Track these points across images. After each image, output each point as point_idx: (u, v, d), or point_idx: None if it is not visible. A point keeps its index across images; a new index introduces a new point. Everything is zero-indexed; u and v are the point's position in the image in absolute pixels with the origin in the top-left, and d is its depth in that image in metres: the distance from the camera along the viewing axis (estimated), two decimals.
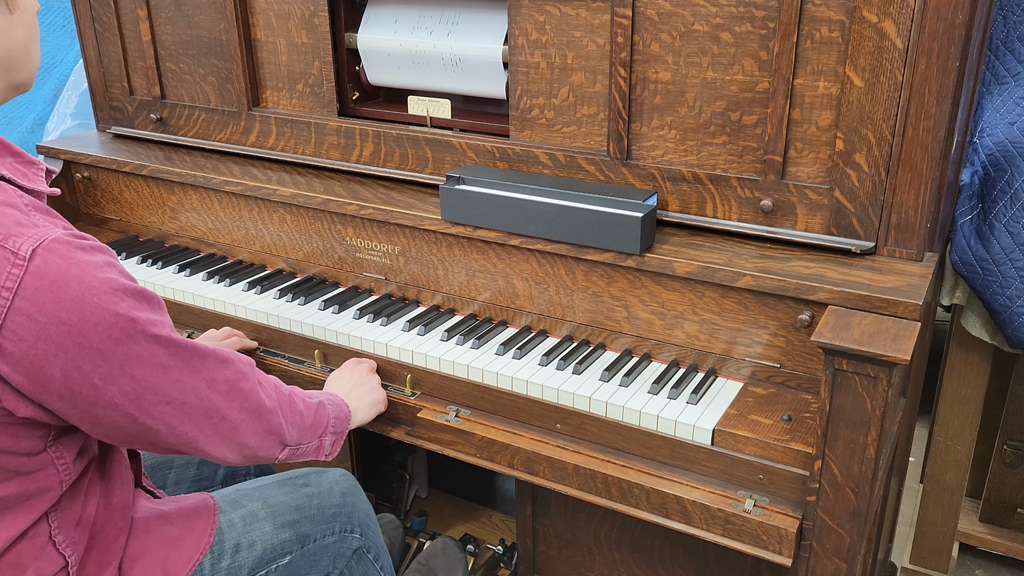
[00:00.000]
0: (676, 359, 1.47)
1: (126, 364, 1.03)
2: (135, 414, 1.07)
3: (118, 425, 1.08)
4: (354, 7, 1.80)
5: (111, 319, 1.00)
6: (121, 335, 1.02)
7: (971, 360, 1.89)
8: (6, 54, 1.07)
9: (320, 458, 1.34)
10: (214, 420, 1.15)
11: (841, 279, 1.30)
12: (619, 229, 1.41)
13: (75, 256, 0.99)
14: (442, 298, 1.68)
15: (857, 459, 1.18)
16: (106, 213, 2.11)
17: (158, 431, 1.10)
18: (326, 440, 1.34)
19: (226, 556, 1.24)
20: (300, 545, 1.29)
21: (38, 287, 0.95)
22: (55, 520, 1.14)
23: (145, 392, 1.07)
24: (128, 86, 2.08)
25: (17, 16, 1.07)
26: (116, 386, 1.03)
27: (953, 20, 1.20)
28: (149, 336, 1.05)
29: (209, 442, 1.16)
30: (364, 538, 1.37)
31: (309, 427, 1.30)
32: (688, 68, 1.41)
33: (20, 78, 1.11)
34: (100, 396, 1.03)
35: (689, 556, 1.75)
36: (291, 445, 1.27)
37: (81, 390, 1.01)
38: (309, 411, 1.31)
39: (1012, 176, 1.59)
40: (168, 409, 1.10)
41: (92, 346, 0.99)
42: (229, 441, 1.19)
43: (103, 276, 1.01)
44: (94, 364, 1.00)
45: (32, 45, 1.11)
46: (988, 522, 2.21)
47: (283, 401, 1.26)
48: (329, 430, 1.34)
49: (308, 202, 1.74)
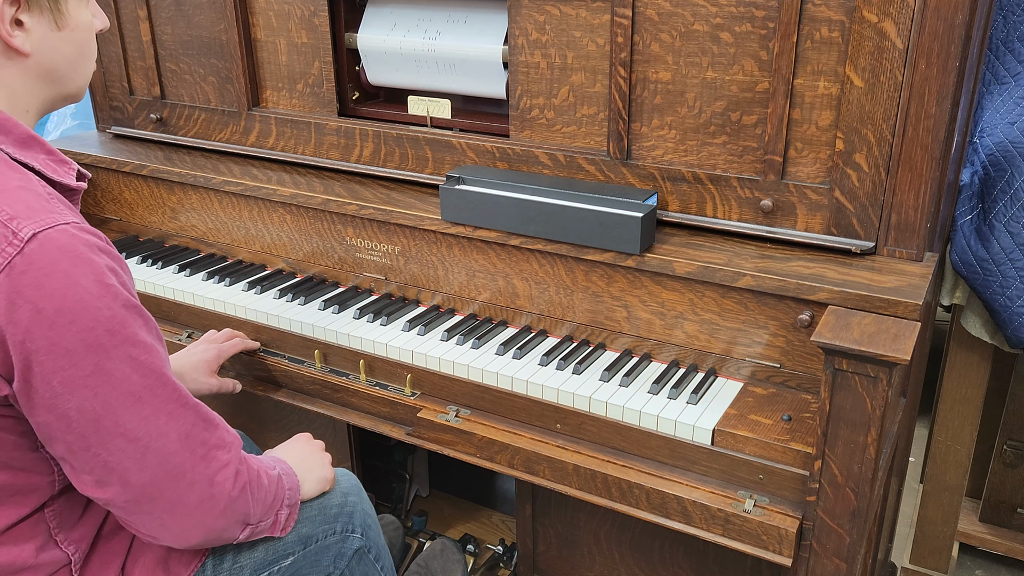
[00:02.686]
0: (676, 359, 1.47)
1: (92, 376, 0.98)
2: (89, 439, 1.00)
3: (71, 447, 1.01)
4: (354, 7, 1.80)
5: (89, 322, 0.97)
6: (95, 342, 0.97)
7: (971, 360, 1.89)
8: (51, 67, 1.09)
9: (275, 534, 1.24)
10: (179, 484, 1.06)
11: (841, 279, 1.30)
12: (619, 229, 1.41)
13: (76, 249, 0.97)
14: (442, 298, 1.68)
15: (857, 459, 1.18)
16: (106, 213, 2.11)
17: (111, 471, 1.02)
18: (282, 514, 1.24)
19: (228, 557, 1.24)
20: (303, 546, 1.29)
21: (25, 269, 0.94)
22: (53, 519, 1.13)
23: (105, 416, 1.00)
24: (128, 86, 2.08)
25: (66, 33, 1.08)
26: (75, 397, 0.98)
27: (953, 20, 1.20)
28: (126, 355, 1.00)
29: (169, 511, 1.06)
30: (365, 538, 1.37)
31: (270, 503, 1.21)
32: (688, 68, 1.41)
33: (68, 90, 1.13)
34: (57, 402, 0.98)
35: (689, 556, 1.75)
36: (252, 524, 1.18)
37: (39, 388, 0.97)
38: (272, 485, 1.21)
39: (1012, 176, 1.59)
40: (127, 447, 1.02)
41: (61, 344, 0.96)
42: (192, 517, 1.08)
43: (96, 277, 0.98)
44: (58, 364, 0.96)
45: (81, 61, 1.13)
46: (988, 522, 2.21)
47: (252, 477, 1.16)
48: (285, 503, 1.24)
49: (308, 202, 1.74)
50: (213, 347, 1.61)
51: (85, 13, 1.12)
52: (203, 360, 1.57)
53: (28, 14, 1.04)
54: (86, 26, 1.12)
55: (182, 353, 1.59)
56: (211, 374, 1.58)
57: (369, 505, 1.42)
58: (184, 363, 1.56)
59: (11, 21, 1.03)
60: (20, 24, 1.04)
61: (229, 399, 1.96)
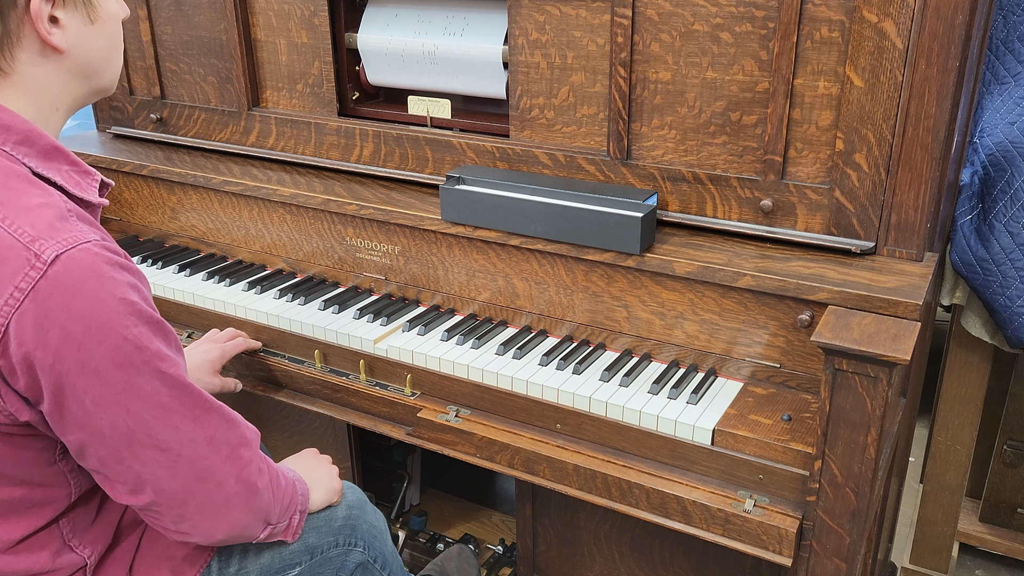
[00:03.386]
0: (676, 359, 1.47)
1: (123, 393, 0.99)
2: (123, 452, 1.02)
3: (104, 461, 1.02)
4: (354, 7, 1.80)
5: (117, 341, 0.97)
6: (124, 360, 0.98)
7: (971, 360, 1.89)
8: (86, 62, 1.07)
9: (288, 539, 1.25)
10: (208, 485, 1.08)
11: (841, 279, 1.30)
12: (619, 229, 1.41)
13: (99, 268, 0.96)
14: (442, 298, 1.68)
15: (857, 459, 1.18)
16: (106, 213, 2.11)
17: (145, 482, 1.04)
18: (295, 519, 1.25)
19: (234, 561, 1.24)
20: (309, 556, 1.29)
21: (51, 292, 0.94)
22: (67, 526, 1.13)
23: (138, 430, 1.01)
24: (128, 86, 2.08)
25: (99, 26, 1.07)
26: (107, 414, 0.99)
27: (953, 20, 1.20)
28: (154, 370, 1.01)
29: (199, 511, 1.08)
30: (369, 551, 1.37)
31: (287, 505, 1.23)
32: (688, 68, 1.41)
33: (101, 84, 1.12)
34: (89, 421, 0.99)
35: (689, 556, 1.75)
36: (272, 524, 1.20)
37: (71, 407, 0.98)
38: (288, 487, 1.23)
39: (1012, 176, 1.59)
40: (160, 458, 1.04)
41: (91, 364, 0.96)
42: (219, 514, 1.10)
43: (121, 295, 0.97)
44: (89, 384, 0.97)
45: (113, 53, 1.11)
46: (988, 522, 2.21)
47: (272, 476, 1.19)
48: (298, 508, 1.26)
49: (308, 202, 1.74)
50: (216, 347, 1.61)
51: (113, 3, 1.10)
52: (207, 360, 1.57)
53: (63, 10, 1.02)
54: (115, 16, 1.10)
55: (186, 352, 1.58)
56: (214, 374, 1.58)
57: (374, 516, 1.42)
58: (188, 362, 1.55)
59: (47, 18, 1.01)
60: (55, 21, 1.02)
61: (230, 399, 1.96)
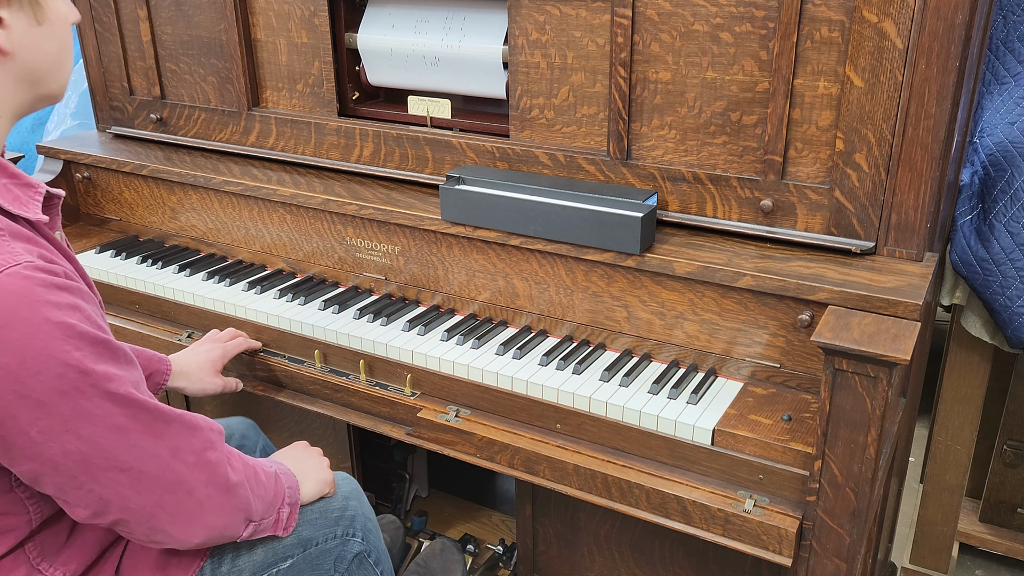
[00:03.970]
0: (676, 359, 1.47)
1: (72, 421, 0.95)
2: (80, 478, 0.98)
3: (62, 487, 0.99)
4: (354, 7, 1.80)
5: (58, 368, 0.93)
6: (69, 388, 0.94)
7: (971, 360, 1.89)
8: (32, 66, 1.03)
9: (278, 533, 1.24)
10: (177, 495, 1.05)
11: (841, 279, 1.30)
12: (619, 229, 1.41)
13: (32, 292, 0.92)
14: (442, 298, 1.68)
15: (857, 459, 1.18)
16: (106, 213, 2.11)
17: (109, 502, 1.01)
18: (283, 512, 1.24)
19: (226, 561, 1.23)
20: (302, 548, 1.28)
21: None
22: (34, 551, 1.11)
23: (94, 455, 0.98)
24: (128, 86, 2.08)
25: (47, 28, 1.02)
26: (57, 444, 0.95)
27: (953, 20, 1.20)
28: (103, 392, 0.97)
29: (172, 520, 1.06)
30: (365, 542, 1.37)
31: (271, 500, 1.21)
32: (688, 68, 1.41)
33: (49, 90, 1.07)
34: (39, 452, 0.95)
35: (689, 556, 1.75)
36: (255, 521, 1.18)
37: (17, 441, 0.94)
38: (270, 482, 1.21)
39: (1012, 176, 1.59)
40: (121, 478, 1.00)
41: (32, 396, 0.92)
42: (194, 520, 1.08)
43: (57, 319, 0.93)
44: (32, 416, 0.93)
45: (62, 57, 1.06)
46: (988, 522, 2.21)
47: (249, 473, 1.16)
48: (285, 501, 1.25)
49: (308, 202, 1.74)
50: (218, 346, 1.61)
51: (62, 5, 1.05)
52: (208, 360, 1.57)
53: (7, 9, 0.97)
54: (64, 19, 1.06)
55: (187, 352, 1.59)
56: (216, 374, 1.58)
57: (369, 509, 1.41)
58: (190, 362, 1.55)
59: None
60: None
61: (230, 399, 1.96)
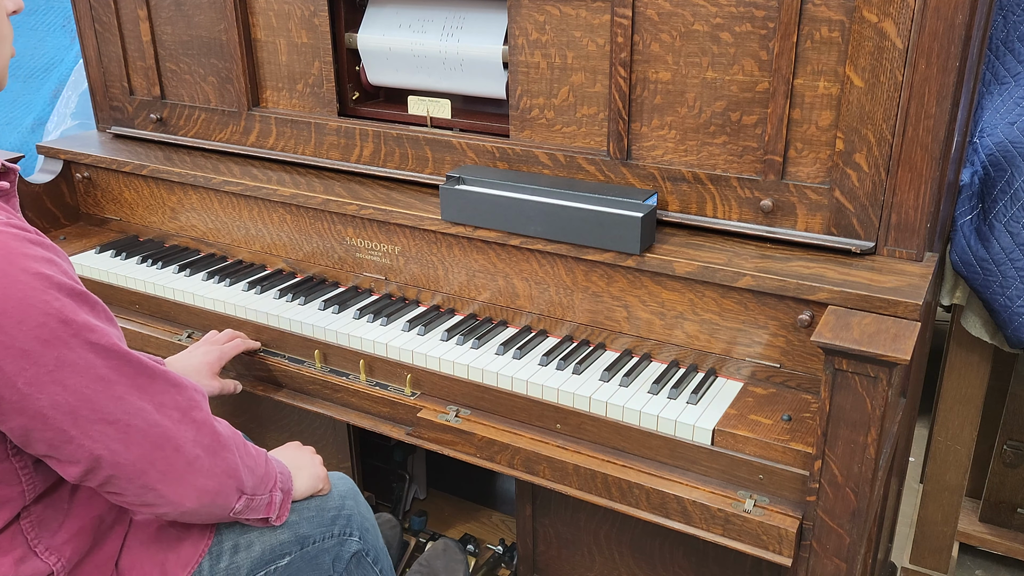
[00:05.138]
0: (676, 359, 1.47)
1: (57, 370, 0.96)
2: (70, 431, 0.99)
3: (52, 443, 0.99)
4: (354, 7, 1.80)
5: (39, 317, 0.94)
6: (51, 336, 0.95)
7: (971, 360, 1.89)
8: None
9: (271, 516, 1.23)
10: (166, 451, 1.05)
11: (841, 279, 1.30)
12: (619, 229, 1.41)
13: (7, 245, 0.94)
14: (442, 298, 1.68)
15: (857, 459, 1.18)
16: (106, 213, 2.11)
17: (100, 457, 1.01)
18: (276, 496, 1.23)
19: (224, 556, 1.24)
20: (299, 547, 1.29)
21: None
22: (31, 529, 1.10)
23: (81, 406, 0.98)
24: (128, 86, 2.08)
25: None
26: (45, 394, 0.96)
27: (953, 20, 1.20)
28: (85, 342, 0.98)
29: (162, 479, 1.06)
30: (363, 542, 1.37)
31: (262, 476, 1.20)
32: (688, 68, 1.41)
33: None
34: (27, 403, 0.96)
35: (689, 556, 1.75)
36: (247, 494, 1.17)
37: (4, 394, 0.95)
38: (260, 457, 1.20)
39: (1012, 176, 1.59)
40: (109, 431, 1.01)
41: (15, 345, 0.93)
42: (184, 480, 1.07)
43: (34, 270, 0.94)
44: (18, 366, 0.94)
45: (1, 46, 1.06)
46: (988, 522, 2.21)
47: (237, 441, 1.16)
48: (279, 485, 1.23)
49: (308, 202, 1.74)
50: (215, 349, 1.61)
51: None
52: (205, 362, 1.57)
53: None
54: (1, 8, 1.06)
55: (184, 355, 1.59)
56: (213, 376, 1.58)
57: (367, 508, 1.42)
58: (187, 365, 1.55)
59: None
60: None
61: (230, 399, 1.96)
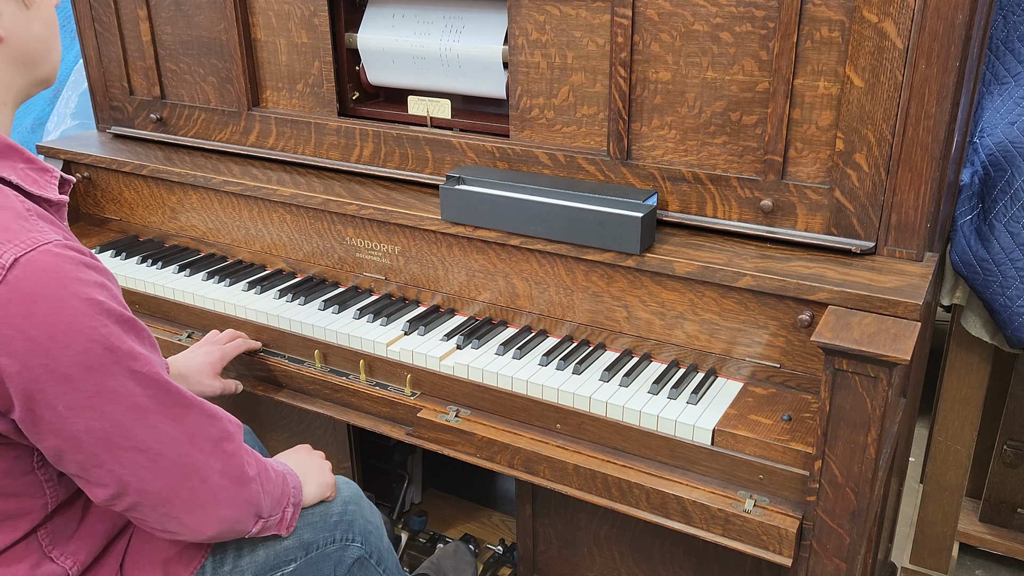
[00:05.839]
0: (676, 359, 1.47)
1: (96, 396, 0.96)
2: (101, 456, 1.00)
3: (83, 465, 1.01)
4: (354, 7, 1.80)
5: (85, 344, 0.94)
6: (95, 363, 0.95)
7: (971, 360, 1.89)
8: (25, 50, 1.04)
9: (282, 532, 1.25)
10: (192, 481, 1.07)
11: (841, 279, 1.30)
12: (619, 229, 1.41)
13: (62, 269, 0.94)
14: (442, 298, 1.68)
15: (857, 459, 1.18)
16: (106, 213, 2.11)
17: (127, 484, 1.03)
18: (288, 512, 1.24)
19: (228, 560, 1.24)
20: (304, 552, 1.29)
21: (11, 298, 0.91)
22: (46, 537, 1.11)
23: (115, 432, 0.99)
24: (128, 86, 2.08)
25: (34, 11, 1.04)
26: (82, 419, 0.97)
27: (953, 20, 1.20)
28: (127, 370, 0.99)
29: (186, 508, 1.07)
30: (365, 546, 1.37)
31: (278, 498, 1.22)
32: (688, 68, 1.41)
33: (43, 73, 1.09)
34: (63, 426, 0.97)
35: (689, 556, 1.75)
36: (264, 518, 1.19)
37: (44, 415, 0.95)
38: (279, 480, 1.22)
39: (1012, 176, 1.59)
40: (140, 458, 1.02)
41: (59, 370, 0.94)
42: (207, 510, 1.09)
43: (86, 295, 0.95)
44: (60, 390, 0.94)
45: (51, 39, 1.08)
46: (988, 522, 2.21)
47: (261, 469, 1.17)
48: (290, 500, 1.25)
49: (308, 202, 1.74)
50: (216, 349, 1.60)
51: None
52: (207, 362, 1.57)
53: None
54: (49, 2, 1.07)
55: (185, 355, 1.58)
56: (215, 376, 1.57)
57: (371, 511, 1.41)
58: (188, 365, 1.55)
59: None
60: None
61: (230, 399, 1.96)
